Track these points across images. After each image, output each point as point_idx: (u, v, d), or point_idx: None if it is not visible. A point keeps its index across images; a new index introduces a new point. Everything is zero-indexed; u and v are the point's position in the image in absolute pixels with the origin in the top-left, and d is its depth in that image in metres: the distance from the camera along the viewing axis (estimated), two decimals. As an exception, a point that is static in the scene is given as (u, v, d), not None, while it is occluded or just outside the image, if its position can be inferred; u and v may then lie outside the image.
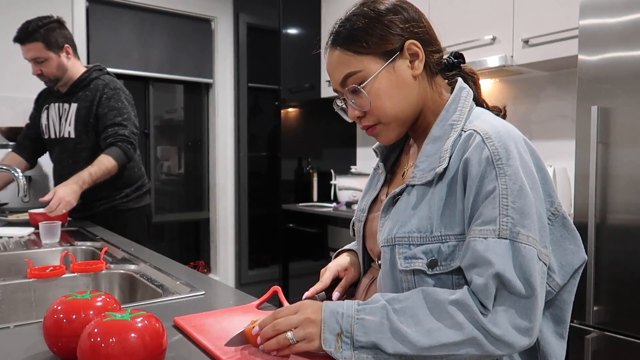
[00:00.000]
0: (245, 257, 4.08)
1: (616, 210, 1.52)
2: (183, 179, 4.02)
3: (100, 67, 2.28)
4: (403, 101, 0.86)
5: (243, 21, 3.96)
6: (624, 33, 1.51)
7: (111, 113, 2.14)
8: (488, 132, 0.78)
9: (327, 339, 0.71)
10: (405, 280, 0.80)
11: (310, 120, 3.60)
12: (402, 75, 0.85)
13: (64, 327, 0.72)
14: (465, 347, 0.70)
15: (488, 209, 0.74)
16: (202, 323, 0.89)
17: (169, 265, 1.38)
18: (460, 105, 0.86)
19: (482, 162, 0.76)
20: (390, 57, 0.84)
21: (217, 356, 0.75)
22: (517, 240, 0.72)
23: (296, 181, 3.51)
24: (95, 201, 2.20)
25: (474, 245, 0.73)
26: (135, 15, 3.52)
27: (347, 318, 0.72)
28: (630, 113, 1.50)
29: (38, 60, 2.14)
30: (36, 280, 1.24)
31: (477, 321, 0.70)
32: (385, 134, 0.90)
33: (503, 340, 0.69)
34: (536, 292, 0.71)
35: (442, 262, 0.78)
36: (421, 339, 0.70)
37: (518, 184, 0.74)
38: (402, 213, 0.82)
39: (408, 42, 0.84)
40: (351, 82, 0.85)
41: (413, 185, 0.83)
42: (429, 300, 0.73)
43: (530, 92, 2.52)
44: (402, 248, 0.80)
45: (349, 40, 0.84)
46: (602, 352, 1.56)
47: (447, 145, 0.82)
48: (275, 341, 0.73)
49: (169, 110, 3.93)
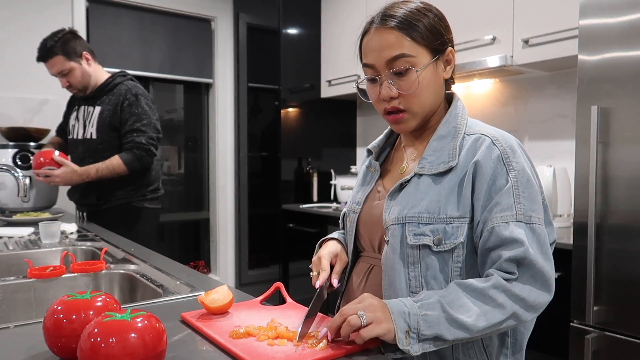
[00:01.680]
0: (245, 257, 4.08)
1: (616, 210, 1.52)
2: (183, 179, 4.02)
3: (124, 72, 2.41)
4: (434, 96, 0.98)
5: (243, 21, 3.96)
6: (624, 33, 1.51)
7: (131, 119, 2.26)
8: (495, 135, 0.93)
9: (400, 338, 0.79)
10: (412, 255, 0.92)
11: (310, 120, 3.60)
12: (439, 75, 0.98)
13: (64, 327, 0.72)
14: (507, 321, 0.84)
15: (504, 199, 0.88)
16: (210, 317, 0.91)
17: (169, 265, 1.38)
18: (460, 113, 1.00)
19: (493, 160, 0.90)
20: (436, 56, 0.95)
21: (225, 347, 0.77)
22: (531, 222, 0.88)
23: (296, 181, 3.51)
24: (112, 196, 2.31)
25: (498, 230, 0.87)
26: (135, 15, 3.52)
27: (414, 316, 0.80)
28: (630, 113, 1.50)
29: (63, 72, 2.27)
30: (36, 280, 1.24)
31: (514, 295, 0.83)
32: (408, 123, 0.98)
33: (534, 305, 0.85)
34: (551, 261, 0.88)
35: (445, 240, 0.90)
36: (476, 323, 0.81)
37: (525, 177, 0.90)
38: (412, 197, 0.94)
39: (450, 48, 0.98)
40: (401, 64, 0.92)
41: (421, 174, 0.95)
42: (469, 290, 0.84)
43: (530, 92, 2.52)
44: (412, 226, 0.92)
45: (411, 27, 0.92)
46: (602, 352, 1.56)
47: (456, 144, 0.95)
48: (347, 324, 0.78)
49: (169, 110, 3.93)
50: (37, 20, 3.06)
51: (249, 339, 0.81)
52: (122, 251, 1.57)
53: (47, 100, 3.09)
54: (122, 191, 2.31)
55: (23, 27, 3.02)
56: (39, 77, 2.57)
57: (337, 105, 3.58)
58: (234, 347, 0.76)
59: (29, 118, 3.05)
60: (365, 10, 3.01)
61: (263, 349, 0.76)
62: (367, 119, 3.60)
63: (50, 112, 3.10)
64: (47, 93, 3.03)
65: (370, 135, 3.56)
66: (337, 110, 3.61)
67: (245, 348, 0.76)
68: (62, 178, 2.17)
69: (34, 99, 3.07)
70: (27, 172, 2.62)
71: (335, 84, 3.29)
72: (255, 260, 4.15)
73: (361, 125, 3.66)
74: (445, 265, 0.91)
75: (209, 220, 4.04)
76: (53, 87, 2.48)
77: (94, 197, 2.29)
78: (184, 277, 1.23)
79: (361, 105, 3.64)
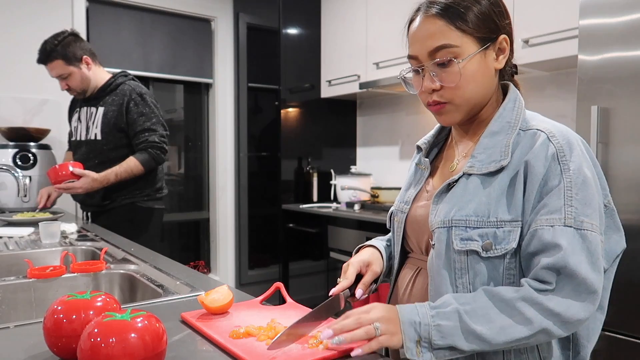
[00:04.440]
0: (245, 257, 4.07)
1: (616, 210, 1.52)
2: (183, 179, 4.02)
3: (126, 72, 2.41)
4: (481, 88, 0.91)
5: (243, 21, 3.95)
6: (624, 33, 1.51)
7: (140, 119, 2.27)
8: (552, 130, 0.85)
9: (409, 347, 0.76)
10: (459, 261, 0.85)
11: (310, 120, 3.60)
12: (489, 65, 0.90)
13: (64, 327, 0.72)
14: (536, 337, 0.77)
15: (553, 200, 0.80)
16: (210, 317, 0.91)
17: (169, 265, 1.38)
18: (517, 106, 0.92)
19: (547, 158, 0.82)
20: (485, 44, 0.89)
21: (225, 347, 0.77)
22: (582, 228, 0.79)
23: (296, 181, 3.51)
24: (117, 196, 2.31)
25: (541, 234, 0.79)
26: (135, 15, 3.52)
27: (425, 326, 0.77)
28: (630, 113, 1.50)
29: (62, 76, 2.28)
30: (36, 280, 1.24)
31: (547, 310, 0.76)
32: (451, 115, 0.92)
33: (571, 321, 0.76)
34: (601, 273, 0.79)
35: (496, 245, 0.83)
36: (495, 337, 0.76)
37: (581, 178, 0.81)
38: (460, 198, 0.87)
39: (502, 36, 0.90)
40: (443, 55, 0.87)
41: (470, 174, 0.88)
42: (496, 300, 0.78)
43: (530, 92, 2.52)
44: (459, 230, 0.85)
45: (456, 15, 0.87)
46: (602, 352, 1.56)
47: (509, 141, 0.87)
48: (363, 330, 0.76)
49: (169, 110, 3.93)
50: (37, 20, 3.06)
51: (249, 339, 0.81)
52: (122, 251, 1.57)
53: (47, 100, 3.09)
54: (127, 191, 2.31)
55: (23, 27, 3.02)
56: (39, 77, 2.57)
57: (337, 105, 3.58)
58: (234, 347, 0.76)
59: (29, 118, 3.05)
60: (365, 10, 3.01)
61: (263, 349, 0.76)
62: (367, 119, 3.60)
63: (50, 112, 3.10)
64: (47, 93, 3.03)
65: (371, 135, 3.57)
66: (337, 110, 3.61)
67: (245, 348, 0.76)
68: (84, 189, 2.16)
69: (34, 99, 3.07)
70: (27, 172, 2.62)
71: (335, 84, 3.29)
72: (255, 260, 4.15)
73: (361, 125, 3.66)
74: (496, 273, 0.83)
75: (209, 220, 4.04)
76: (53, 87, 2.48)
77: (99, 198, 2.29)
78: (184, 277, 1.23)
79: (361, 105, 3.64)
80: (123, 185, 2.27)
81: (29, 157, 2.68)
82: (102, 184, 2.19)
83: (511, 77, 1.00)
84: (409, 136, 3.23)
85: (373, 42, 2.97)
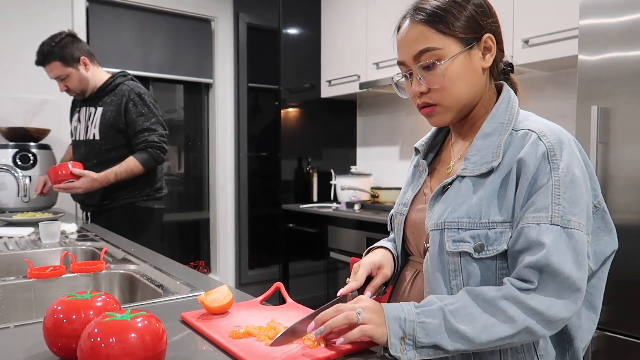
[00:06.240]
0: (245, 257, 4.08)
1: (616, 210, 1.52)
2: (183, 179, 4.02)
3: (125, 72, 2.41)
4: (469, 88, 0.91)
5: (243, 21, 3.96)
6: (624, 33, 1.51)
7: (139, 119, 2.27)
8: (543, 130, 0.85)
9: (393, 344, 0.76)
10: (452, 262, 0.86)
11: (310, 120, 3.60)
12: (474, 64, 0.91)
13: (64, 327, 0.72)
14: (519, 336, 0.77)
15: (541, 198, 0.80)
16: (210, 317, 0.91)
17: (169, 265, 1.38)
18: (510, 106, 0.92)
19: (538, 157, 0.82)
20: (469, 44, 0.89)
21: (225, 347, 0.77)
22: (569, 226, 0.79)
23: (296, 181, 3.51)
24: (116, 196, 2.31)
25: (527, 231, 0.79)
26: (135, 15, 3.52)
27: (410, 322, 0.77)
28: (630, 113, 1.50)
29: (60, 78, 2.28)
30: (36, 280, 1.24)
31: (529, 308, 0.76)
32: (441, 117, 0.93)
33: (553, 320, 0.76)
34: (586, 271, 0.79)
35: (488, 247, 0.83)
36: (479, 336, 0.76)
37: (570, 176, 0.81)
38: (453, 200, 0.88)
39: (486, 35, 0.91)
40: (427, 58, 0.88)
41: (464, 176, 0.89)
42: (479, 299, 0.79)
43: (530, 92, 2.52)
44: (451, 232, 0.86)
45: (436, 18, 0.88)
46: (602, 352, 1.56)
47: (501, 142, 0.87)
48: (343, 315, 0.76)
49: (169, 110, 3.93)
50: (37, 20, 3.06)
51: (249, 339, 0.81)
52: (122, 251, 1.57)
53: (47, 100, 3.09)
54: (126, 191, 2.31)
55: (23, 27, 3.02)
56: (39, 77, 2.56)
57: (337, 105, 3.58)
58: (234, 347, 0.76)
59: (29, 118, 3.05)
60: (365, 10, 3.01)
61: (263, 349, 0.76)
62: (367, 119, 3.60)
63: (50, 112, 3.11)
64: (47, 93, 3.03)
65: (371, 136, 3.57)
66: (337, 110, 3.61)
67: (245, 348, 0.76)
68: (83, 189, 2.16)
69: (34, 99, 3.07)
70: (27, 172, 2.62)
71: (335, 84, 3.29)
72: (255, 260, 4.15)
73: (361, 125, 3.66)
74: (490, 273, 0.84)
75: (209, 220, 4.04)
76: (53, 87, 2.48)
77: (98, 197, 2.29)
78: (184, 277, 1.23)
79: (361, 105, 3.64)
80: (123, 185, 2.27)
81: (29, 157, 2.68)
82: (102, 184, 2.19)
83: (507, 76, 1.00)
84: (409, 136, 3.23)
85: (373, 42, 2.97)
